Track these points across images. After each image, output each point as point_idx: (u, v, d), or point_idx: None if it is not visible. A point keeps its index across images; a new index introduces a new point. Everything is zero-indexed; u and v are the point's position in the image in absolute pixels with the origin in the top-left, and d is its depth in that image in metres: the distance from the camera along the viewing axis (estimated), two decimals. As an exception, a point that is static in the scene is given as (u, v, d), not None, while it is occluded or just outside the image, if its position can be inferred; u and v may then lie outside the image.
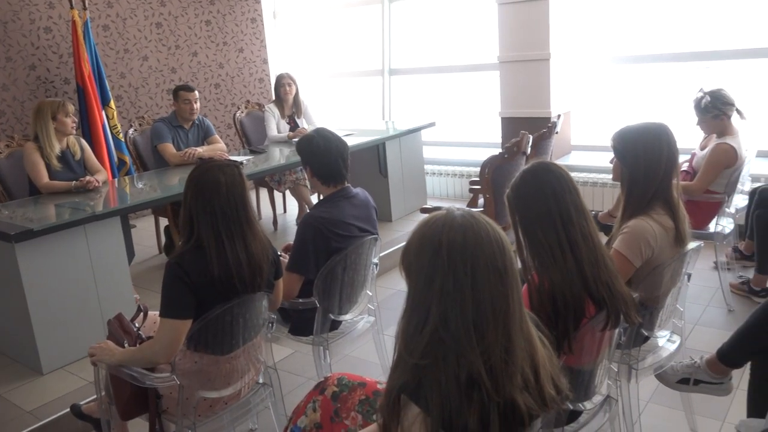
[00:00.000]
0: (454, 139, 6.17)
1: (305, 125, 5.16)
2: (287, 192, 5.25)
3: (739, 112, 3.36)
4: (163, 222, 4.79)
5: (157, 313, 2.07)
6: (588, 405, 1.89)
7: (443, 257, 1.20)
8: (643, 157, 2.10)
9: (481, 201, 3.64)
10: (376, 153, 5.08)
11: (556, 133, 4.06)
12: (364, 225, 2.61)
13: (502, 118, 5.29)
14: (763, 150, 4.47)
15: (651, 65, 5.07)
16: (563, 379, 1.35)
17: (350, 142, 4.56)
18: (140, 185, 4.15)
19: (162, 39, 6.15)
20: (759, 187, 3.49)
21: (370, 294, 2.79)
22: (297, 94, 5.14)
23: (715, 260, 3.56)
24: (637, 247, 2.05)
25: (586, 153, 5.29)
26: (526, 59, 5.04)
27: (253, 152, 4.75)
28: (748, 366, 2.18)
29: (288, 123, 5.15)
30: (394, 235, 4.76)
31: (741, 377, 2.39)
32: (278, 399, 2.35)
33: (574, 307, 1.67)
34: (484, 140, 5.75)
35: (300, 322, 2.60)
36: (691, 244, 2.18)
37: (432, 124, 5.39)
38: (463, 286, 1.19)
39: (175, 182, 4.02)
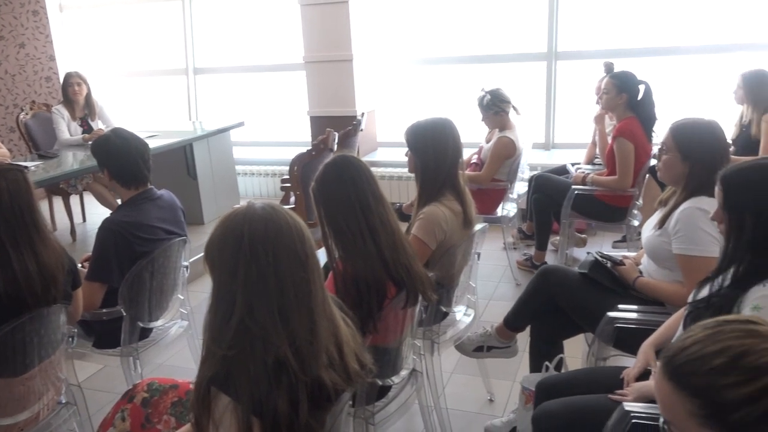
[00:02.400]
0: (264, 139, 6.17)
1: (102, 127, 4.82)
2: (89, 201, 4.87)
3: (514, 108, 3.81)
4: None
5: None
6: (396, 380, 2.05)
7: (245, 248, 1.24)
8: (432, 149, 2.31)
9: (293, 199, 3.71)
10: (183, 155, 4.90)
11: (361, 130, 4.25)
12: (170, 227, 2.53)
13: (311, 117, 5.41)
14: (538, 142, 5.10)
15: (446, 66, 5.50)
16: (367, 355, 1.46)
17: (154, 143, 4.37)
18: None
19: None
20: (535, 174, 3.98)
21: (182, 298, 2.72)
22: (89, 94, 4.78)
23: (503, 241, 3.99)
24: (431, 230, 2.26)
25: (391, 149, 5.59)
26: (330, 59, 5.20)
27: (42, 157, 4.34)
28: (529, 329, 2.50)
29: (81, 125, 4.77)
30: (206, 238, 4.63)
31: (527, 341, 2.72)
32: (84, 419, 2.21)
33: (377, 289, 1.80)
34: (295, 139, 5.82)
35: (105, 334, 2.45)
36: (478, 226, 2.45)
37: (241, 124, 5.33)
38: (267, 275, 1.24)
39: (-54, 193, 3.53)
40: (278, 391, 1.22)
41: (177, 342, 2.73)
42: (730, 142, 4.00)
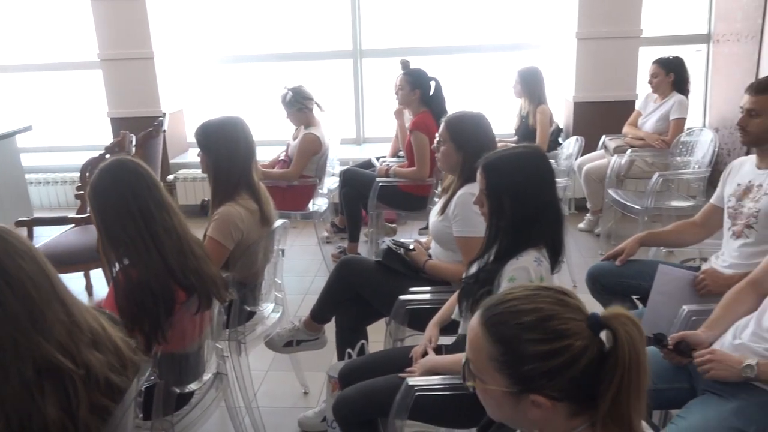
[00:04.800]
0: (60, 144, 5.68)
1: None
2: None
3: (318, 105, 3.89)
4: None
5: None
6: (195, 386, 1.99)
7: None
8: (224, 148, 2.29)
9: (89, 207, 3.45)
10: (-43, 165, 4.34)
11: (164, 131, 4.07)
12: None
13: (111, 119, 5.07)
14: (349, 137, 5.26)
15: (255, 64, 5.46)
16: (139, 354, 1.41)
17: None
18: None
19: None
20: (343, 169, 4.09)
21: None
22: None
23: (317, 236, 4.06)
24: (227, 231, 2.23)
25: (202, 149, 5.42)
26: (129, 57, 4.92)
27: None
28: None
29: None
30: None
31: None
32: None
33: (163, 297, 1.74)
34: (94, 143, 5.40)
35: None
36: (277, 222, 2.47)
37: (29, 128, 4.83)
38: (3, 295, 1.17)
39: None
40: (44, 399, 1.16)
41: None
42: (513, 131, 4.44)
